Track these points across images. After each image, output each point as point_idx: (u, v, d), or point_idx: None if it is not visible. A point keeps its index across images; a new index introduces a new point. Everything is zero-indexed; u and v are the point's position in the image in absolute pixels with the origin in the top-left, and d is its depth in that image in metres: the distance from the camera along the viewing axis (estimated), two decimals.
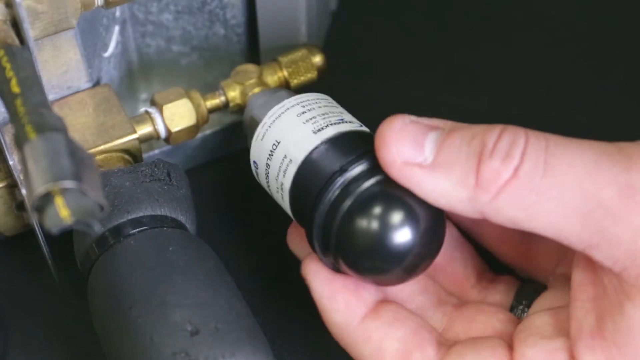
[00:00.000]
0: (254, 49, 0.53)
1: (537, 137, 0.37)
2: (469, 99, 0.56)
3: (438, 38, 0.58)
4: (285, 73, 0.51)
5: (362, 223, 0.39)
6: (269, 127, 0.44)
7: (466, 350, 0.40)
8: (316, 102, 0.44)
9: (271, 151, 0.44)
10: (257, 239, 0.51)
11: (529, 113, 0.55)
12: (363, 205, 0.40)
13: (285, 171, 0.43)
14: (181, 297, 0.40)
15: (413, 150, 0.39)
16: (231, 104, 0.50)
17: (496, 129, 0.38)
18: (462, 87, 0.56)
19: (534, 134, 0.38)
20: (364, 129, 0.43)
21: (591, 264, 0.38)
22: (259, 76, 0.50)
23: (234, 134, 0.52)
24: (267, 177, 0.44)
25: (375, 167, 0.40)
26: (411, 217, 0.39)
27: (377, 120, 0.43)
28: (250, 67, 0.51)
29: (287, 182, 0.42)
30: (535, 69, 0.57)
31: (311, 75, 0.51)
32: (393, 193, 0.40)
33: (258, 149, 0.45)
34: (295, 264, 0.44)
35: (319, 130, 0.42)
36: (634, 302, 0.36)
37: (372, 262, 0.40)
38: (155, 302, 0.40)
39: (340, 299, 0.41)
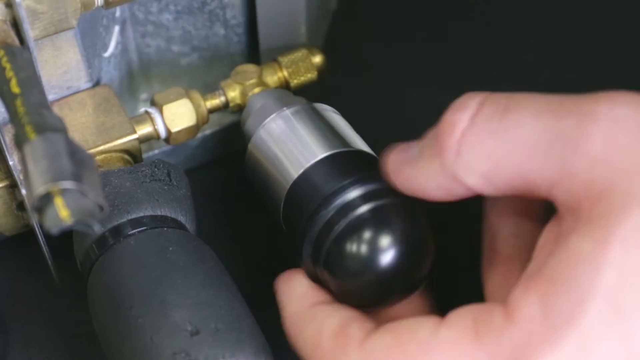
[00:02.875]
0: (254, 49, 0.53)
1: (500, 93, 0.37)
2: None
3: (438, 38, 0.58)
4: (285, 73, 0.51)
5: (343, 257, 0.41)
6: (255, 156, 0.46)
7: (402, 319, 0.39)
8: (291, 124, 0.45)
9: (261, 184, 0.46)
10: (257, 239, 0.51)
11: None
12: (341, 239, 0.41)
13: (275, 205, 0.45)
14: (181, 297, 0.40)
15: (404, 153, 0.40)
16: (231, 104, 0.50)
17: None
18: (462, 87, 0.56)
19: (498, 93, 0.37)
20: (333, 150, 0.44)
21: (557, 226, 0.37)
22: (259, 76, 0.50)
23: (234, 134, 0.52)
24: (265, 202, 0.46)
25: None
26: (399, 246, 0.40)
27: (377, 121, 0.44)
28: (250, 67, 0.51)
29: (279, 215, 0.44)
30: (536, 69, 0.57)
31: (311, 75, 0.51)
32: (379, 223, 0.41)
33: (252, 177, 0.46)
34: (294, 264, 0.44)
35: (294, 163, 0.44)
36: (580, 232, 0.34)
37: (359, 289, 0.41)
38: (156, 302, 0.40)
39: (298, 290, 0.42)
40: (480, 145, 0.36)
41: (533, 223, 0.40)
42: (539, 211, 0.41)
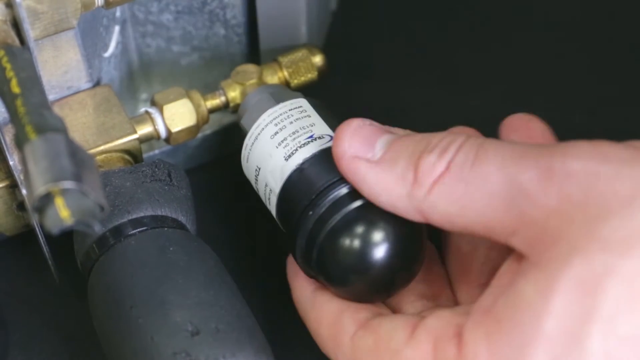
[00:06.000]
0: (254, 49, 0.53)
1: (476, 137, 0.39)
2: (469, 99, 0.56)
3: (438, 38, 0.58)
4: (286, 73, 0.51)
5: (336, 252, 0.41)
6: (250, 149, 0.45)
7: (385, 318, 0.41)
8: (288, 117, 0.45)
9: (255, 176, 0.45)
10: (257, 239, 0.51)
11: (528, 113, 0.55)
12: (334, 234, 0.41)
13: (269, 199, 0.44)
14: (182, 298, 0.40)
15: (363, 147, 0.40)
16: (231, 104, 0.50)
17: (442, 133, 0.40)
18: (461, 87, 0.56)
19: (475, 135, 0.39)
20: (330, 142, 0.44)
21: (515, 264, 0.38)
22: (259, 76, 0.50)
23: (234, 134, 0.52)
24: (259, 195, 0.46)
25: (337, 201, 0.41)
26: (391, 241, 0.41)
27: (377, 120, 0.43)
28: (251, 67, 0.51)
29: (273, 210, 0.44)
30: (535, 69, 0.57)
31: (311, 75, 0.51)
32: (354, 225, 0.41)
33: (247, 170, 0.46)
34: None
35: (289, 156, 0.43)
36: (527, 277, 0.36)
37: (352, 284, 0.41)
38: (156, 302, 0.40)
39: (301, 274, 0.43)
40: (450, 191, 0.38)
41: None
42: None
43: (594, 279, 0.34)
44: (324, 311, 0.42)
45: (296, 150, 0.43)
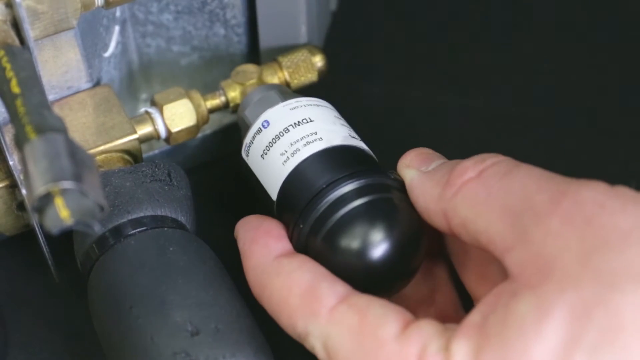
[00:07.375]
0: (254, 49, 0.54)
1: (514, 160, 0.40)
2: (469, 99, 0.56)
3: (438, 38, 0.58)
4: (286, 73, 0.51)
5: (344, 241, 0.41)
6: (305, 106, 0.46)
7: (375, 300, 0.40)
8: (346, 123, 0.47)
9: (299, 122, 0.45)
10: None
11: (528, 113, 0.55)
12: (347, 223, 0.41)
13: (309, 142, 0.44)
14: (181, 298, 0.40)
15: (421, 162, 0.43)
16: (231, 104, 0.50)
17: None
18: (462, 87, 0.56)
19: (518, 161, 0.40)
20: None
21: (509, 285, 0.38)
22: (259, 76, 0.50)
23: (234, 134, 0.52)
24: (276, 138, 0.45)
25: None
26: (390, 241, 0.41)
27: (377, 121, 0.44)
28: (251, 68, 0.51)
29: (306, 152, 0.43)
30: (536, 69, 0.57)
31: (311, 75, 0.51)
32: (376, 215, 0.41)
33: (282, 114, 0.45)
34: None
35: (352, 137, 0.44)
36: (520, 298, 0.36)
37: (349, 282, 0.41)
38: (156, 302, 0.40)
39: (261, 241, 0.42)
40: (474, 196, 0.39)
41: None
42: None
43: (583, 308, 0.35)
44: (294, 278, 0.40)
45: (358, 139, 0.45)
